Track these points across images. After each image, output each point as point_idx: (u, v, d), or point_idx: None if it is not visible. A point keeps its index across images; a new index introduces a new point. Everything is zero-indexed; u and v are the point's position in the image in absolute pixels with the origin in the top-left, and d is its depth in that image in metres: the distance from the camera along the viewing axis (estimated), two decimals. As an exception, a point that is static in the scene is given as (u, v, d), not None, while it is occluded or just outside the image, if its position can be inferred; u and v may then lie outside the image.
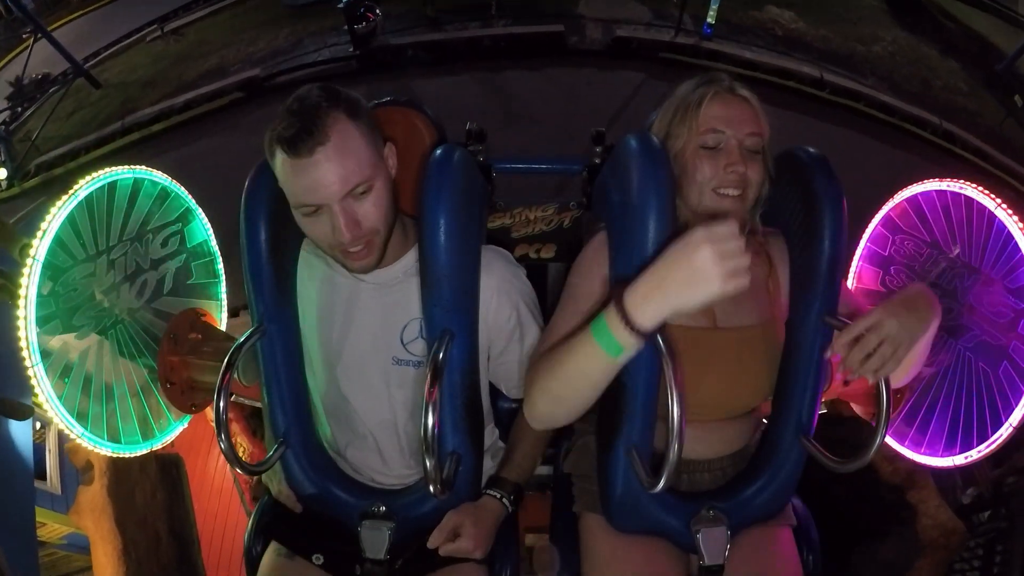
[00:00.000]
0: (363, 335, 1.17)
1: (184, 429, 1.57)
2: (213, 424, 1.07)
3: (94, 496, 1.87)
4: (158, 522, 2.08)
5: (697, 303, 0.82)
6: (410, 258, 1.16)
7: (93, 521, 1.84)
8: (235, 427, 2.19)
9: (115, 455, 1.42)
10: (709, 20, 7.70)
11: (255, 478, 2.27)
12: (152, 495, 2.09)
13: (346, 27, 7.62)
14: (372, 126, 1.04)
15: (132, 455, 1.47)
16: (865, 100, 5.99)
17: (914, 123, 5.60)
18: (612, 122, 4.23)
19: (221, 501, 2.39)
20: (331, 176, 0.97)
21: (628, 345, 0.87)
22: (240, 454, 2.23)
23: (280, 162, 0.99)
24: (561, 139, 3.74)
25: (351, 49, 7.75)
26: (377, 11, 7.83)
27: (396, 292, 1.16)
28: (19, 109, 6.07)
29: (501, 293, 1.18)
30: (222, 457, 2.30)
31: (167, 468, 2.24)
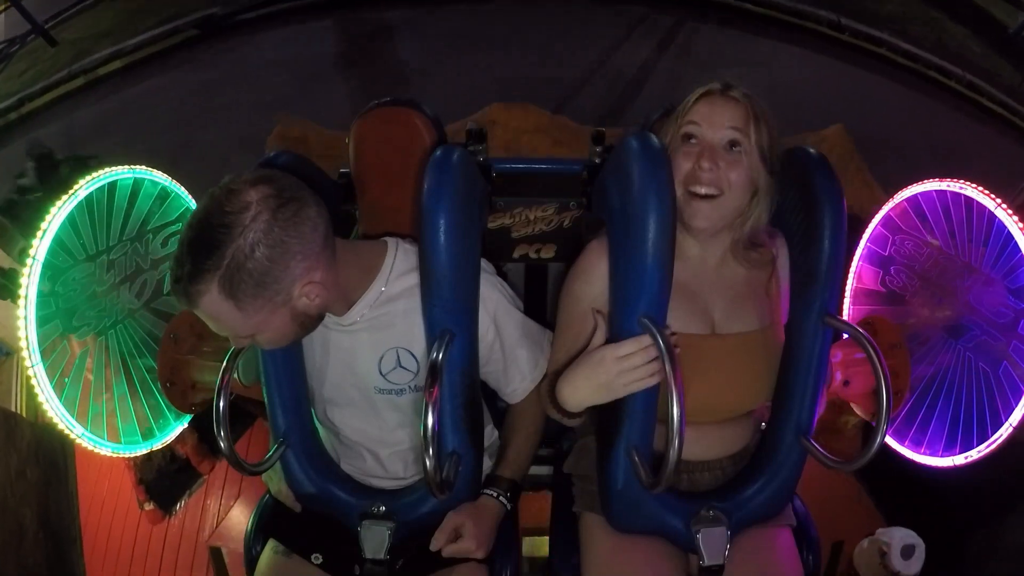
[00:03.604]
0: (342, 374, 1.17)
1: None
2: (215, 425, 1.07)
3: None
4: (23, 508, 1.56)
5: (610, 399, 1.03)
6: (372, 293, 1.13)
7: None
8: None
9: (115, 456, 1.42)
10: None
11: (140, 458, 1.87)
12: (20, 472, 1.57)
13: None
14: (282, 256, 0.95)
15: (132, 455, 1.47)
16: (887, 46, 5.65)
17: (938, 71, 5.36)
18: (612, 51, 3.96)
19: (111, 485, 1.82)
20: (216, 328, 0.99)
21: (566, 417, 1.11)
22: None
23: None
24: (551, 65, 3.74)
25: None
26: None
27: (363, 330, 1.14)
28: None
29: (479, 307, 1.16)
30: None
31: (49, 441, 1.66)
